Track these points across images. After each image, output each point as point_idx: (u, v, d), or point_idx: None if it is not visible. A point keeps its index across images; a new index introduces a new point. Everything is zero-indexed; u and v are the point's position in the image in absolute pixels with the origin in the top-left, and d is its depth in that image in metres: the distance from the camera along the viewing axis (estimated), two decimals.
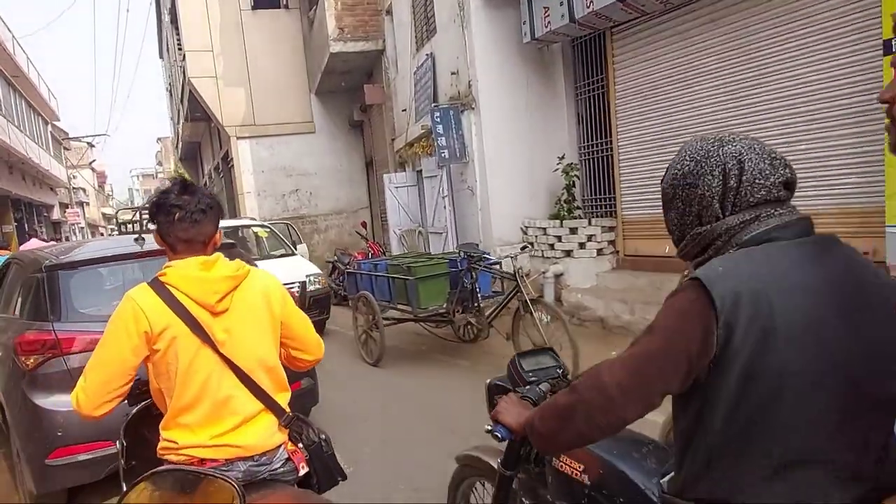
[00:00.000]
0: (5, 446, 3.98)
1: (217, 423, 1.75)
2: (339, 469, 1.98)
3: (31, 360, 3.29)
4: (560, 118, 8.16)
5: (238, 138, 14.52)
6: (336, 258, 10.93)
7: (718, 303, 1.04)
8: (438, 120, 8.06)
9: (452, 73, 8.34)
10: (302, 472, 1.88)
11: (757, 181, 1.13)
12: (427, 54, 9.35)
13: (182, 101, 18.67)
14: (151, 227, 1.83)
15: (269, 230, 9.35)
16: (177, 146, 28.89)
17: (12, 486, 3.82)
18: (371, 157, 14.22)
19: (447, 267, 6.15)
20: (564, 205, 7.77)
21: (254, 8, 14.36)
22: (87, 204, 47.86)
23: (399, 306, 6.44)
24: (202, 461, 1.72)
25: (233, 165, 14.95)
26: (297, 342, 1.98)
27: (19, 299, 3.87)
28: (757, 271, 1.07)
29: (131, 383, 1.76)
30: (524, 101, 8.04)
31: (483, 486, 2.13)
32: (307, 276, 8.24)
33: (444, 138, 8.09)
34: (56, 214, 34.98)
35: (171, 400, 1.75)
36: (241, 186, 14.68)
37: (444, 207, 8.36)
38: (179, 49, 18.17)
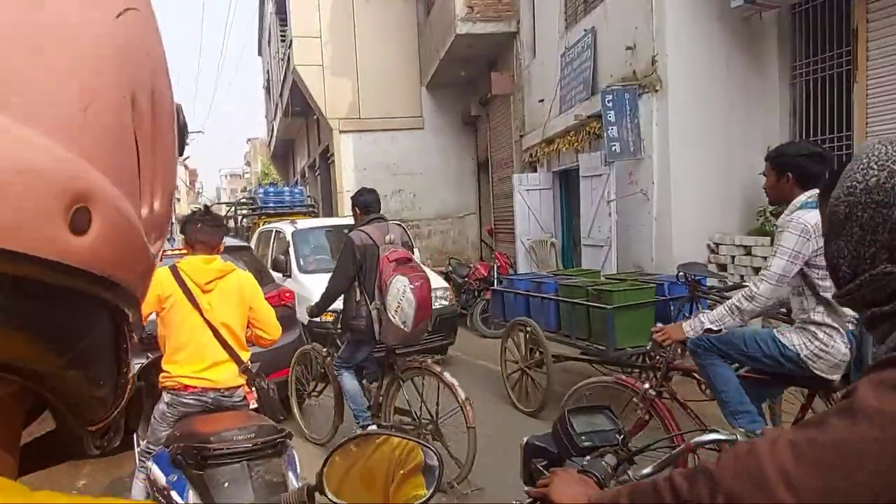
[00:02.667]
0: None
1: (197, 362, 2.69)
2: (281, 409, 2.99)
3: None
4: (768, 106, 6.36)
5: (341, 132, 13.41)
6: (451, 269, 9.47)
7: None
8: (610, 105, 6.44)
9: (628, 48, 6.70)
10: (252, 406, 2.82)
11: None
12: (585, 30, 7.76)
13: (282, 94, 17.92)
14: (180, 235, 3.07)
15: None
16: (269, 144, 28.59)
17: None
18: (486, 157, 12.75)
19: (654, 294, 4.52)
20: (772, 217, 5.95)
21: None
22: (179, 200, 49.15)
23: (577, 341, 4.86)
24: (186, 387, 2.66)
25: (332, 161, 13.88)
26: (259, 323, 2.90)
27: None
28: None
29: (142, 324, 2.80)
30: (722, 83, 6.30)
31: None
32: (433, 290, 6.79)
33: (615, 128, 6.46)
34: None
35: (169, 342, 2.72)
36: (340, 184, 13.55)
37: (609, 214, 6.70)
38: (282, 40, 17.45)
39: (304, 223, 7.88)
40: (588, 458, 1.28)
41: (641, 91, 6.48)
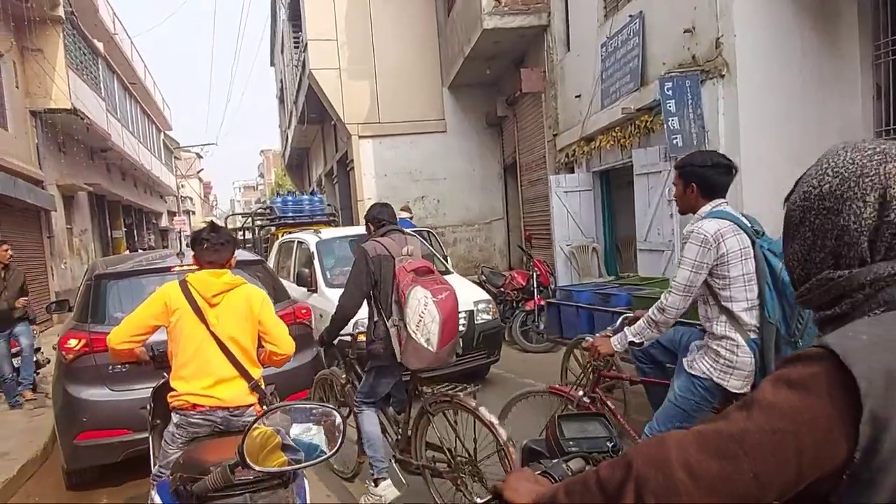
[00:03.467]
0: None
1: (204, 378, 2.55)
2: None
3: (70, 355, 3.86)
4: (846, 91, 5.68)
5: (360, 137, 12.86)
6: (484, 278, 8.81)
7: (863, 385, 0.69)
8: (670, 93, 5.79)
9: (686, 31, 6.05)
10: None
11: None
12: (630, 15, 7.11)
13: (296, 101, 17.44)
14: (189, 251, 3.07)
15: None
16: (283, 154, 28.18)
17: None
18: (514, 159, 12.12)
19: None
20: None
21: None
22: (193, 213, 48.97)
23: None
24: (194, 406, 2.52)
25: (352, 168, 13.31)
26: (270, 337, 2.72)
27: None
28: None
29: (146, 338, 2.67)
30: (796, 65, 5.63)
31: None
32: (475, 302, 6.15)
33: (676, 119, 5.80)
34: (164, 222, 35.40)
35: (176, 357, 2.60)
36: (360, 192, 12.98)
37: (671, 215, 6.03)
38: (296, 46, 16.99)
39: (329, 233, 7.28)
40: (555, 460, 1.34)
41: (704, 77, 5.82)
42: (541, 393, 3.34)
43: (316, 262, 6.61)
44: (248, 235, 13.96)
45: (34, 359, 7.25)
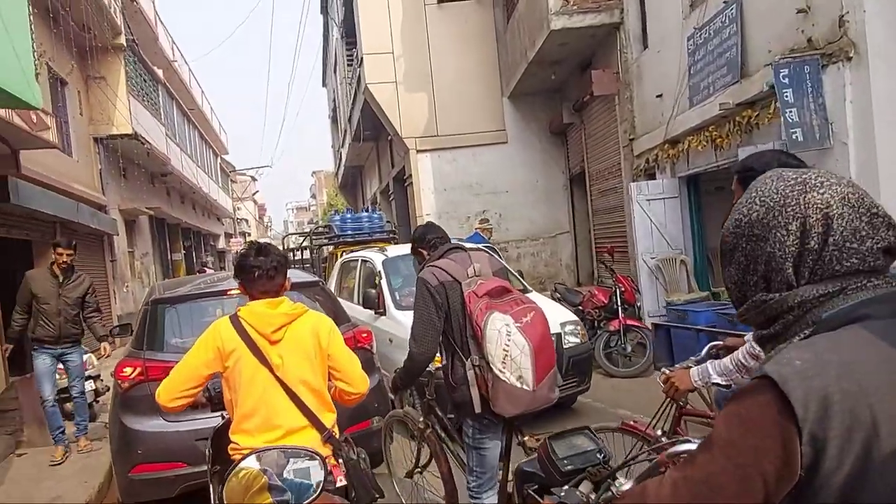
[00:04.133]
0: None
1: (270, 430, 2.18)
2: (376, 485, 2.32)
3: (126, 384, 3.72)
4: None
5: (418, 151, 12.42)
6: (559, 296, 8.12)
7: (800, 411, 0.76)
8: (787, 81, 5.04)
9: (800, 11, 5.29)
10: (340, 484, 2.21)
11: (848, 244, 0.86)
12: (726, 1, 6.39)
13: (350, 118, 17.24)
14: (236, 281, 2.44)
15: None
16: (336, 174, 28.21)
17: None
18: (581, 169, 11.42)
19: None
20: None
21: (440, 1, 12.32)
22: (249, 234, 49.91)
23: None
24: None
25: (410, 184, 12.87)
26: (341, 374, 2.36)
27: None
28: (848, 364, 0.78)
29: (199, 389, 2.29)
30: None
31: None
32: (561, 324, 5.49)
33: (794, 110, 5.04)
34: (221, 244, 36.04)
35: (236, 408, 2.23)
36: (419, 208, 12.51)
37: None
38: (349, 63, 16.82)
39: (395, 250, 6.76)
40: (566, 487, 1.36)
41: (826, 62, 5.05)
42: (612, 430, 2.80)
43: (383, 283, 6.10)
44: (307, 255, 13.71)
45: (87, 389, 6.94)
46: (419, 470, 3.49)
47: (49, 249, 11.37)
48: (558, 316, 5.57)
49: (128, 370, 3.73)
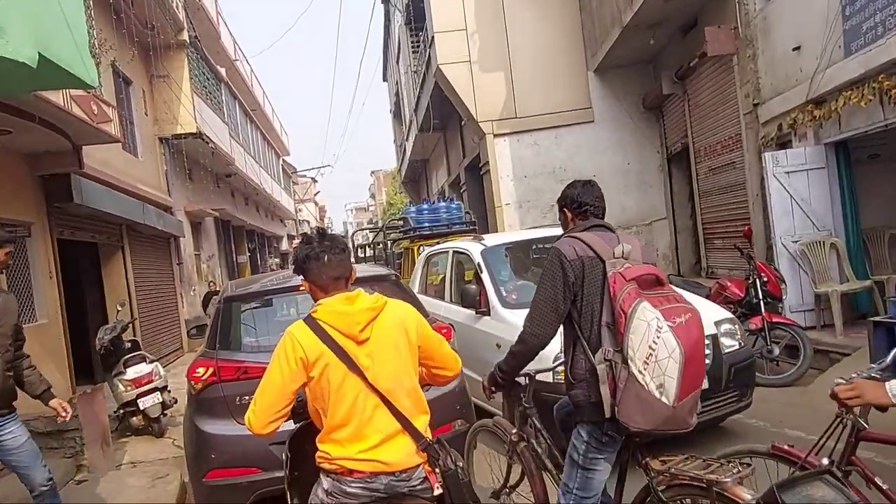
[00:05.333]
0: None
1: (363, 439, 1.99)
2: (474, 496, 2.14)
3: (199, 385, 3.53)
4: None
5: (495, 136, 11.40)
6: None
7: None
8: None
9: None
10: (437, 493, 2.04)
11: None
12: None
13: (417, 107, 16.42)
14: (300, 279, 2.15)
15: None
16: (399, 170, 27.55)
17: None
18: (682, 146, 10.14)
19: None
20: None
21: None
22: None
23: None
24: (350, 472, 1.98)
25: (486, 172, 11.88)
26: (436, 361, 2.19)
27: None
28: None
29: (290, 405, 2.04)
30: None
31: None
32: (716, 323, 4.37)
33: None
34: (284, 246, 36.10)
35: (326, 418, 2.02)
36: (497, 197, 11.51)
37: None
38: (414, 51, 16.00)
39: (496, 238, 5.76)
40: None
41: None
42: (761, 455, 2.28)
43: (485, 277, 5.11)
44: (374, 252, 12.94)
45: (153, 403, 6.27)
46: (507, 490, 3.07)
47: (117, 251, 11.13)
48: (710, 313, 4.44)
49: (200, 371, 3.56)
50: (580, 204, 2.53)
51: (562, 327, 2.39)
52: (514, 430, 2.87)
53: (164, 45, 12.82)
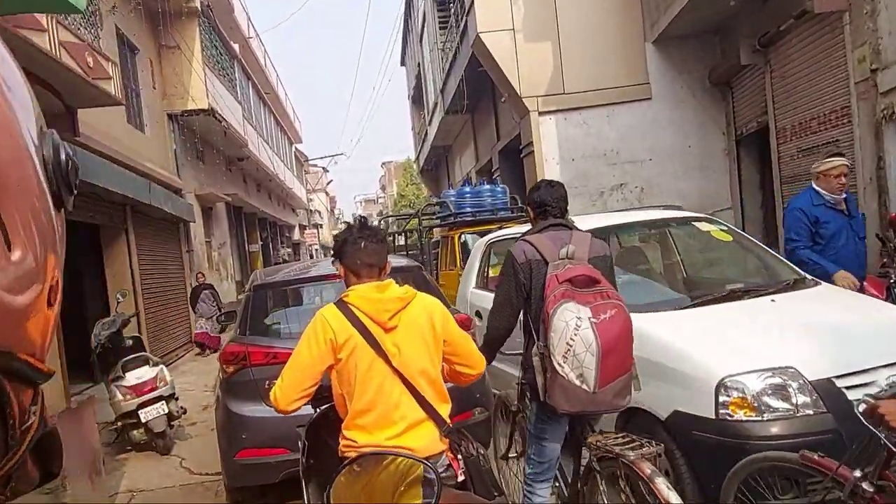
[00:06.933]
0: None
1: (389, 426, 2.04)
2: (496, 483, 2.26)
3: (231, 369, 3.75)
4: None
5: (540, 113, 10.23)
6: None
7: None
8: None
9: None
10: (460, 479, 2.14)
11: None
12: None
13: (444, 88, 15.26)
14: (335, 266, 2.28)
15: (726, 231, 4.55)
16: (417, 158, 26.39)
17: None
18: (759, 124, 8.95)
19: None
20: None
21: None
22: (321, 226, 49.11)
23: None
24: None
25: (528, 154, 10.72)
26: (460, 358, 2.23)
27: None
28: None
29: (316, 386, 2.09)
30: None
31: None
32: None
33: None
34: (296, 235, 35.06)
35: (351, 403, 2.06)
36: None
37: None
38: (443, 26, 14.85)
39: (590, 221, 4.60)
40: None
41: None
42: (790, 463, 2.26)
43: None
44: (405, 241, 11.83)
45: (159, 414, 5.29)
46: (515, 455, 3.40)
47: (121, 235, 10.05)
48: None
49: (231, 355, 3.76)
50: (541, 204, 2.77)
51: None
52: (515, 403, 3.16)
53: (175, 11, 11.73)
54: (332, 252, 2.37)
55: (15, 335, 0.39)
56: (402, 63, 26.11)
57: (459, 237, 8.30)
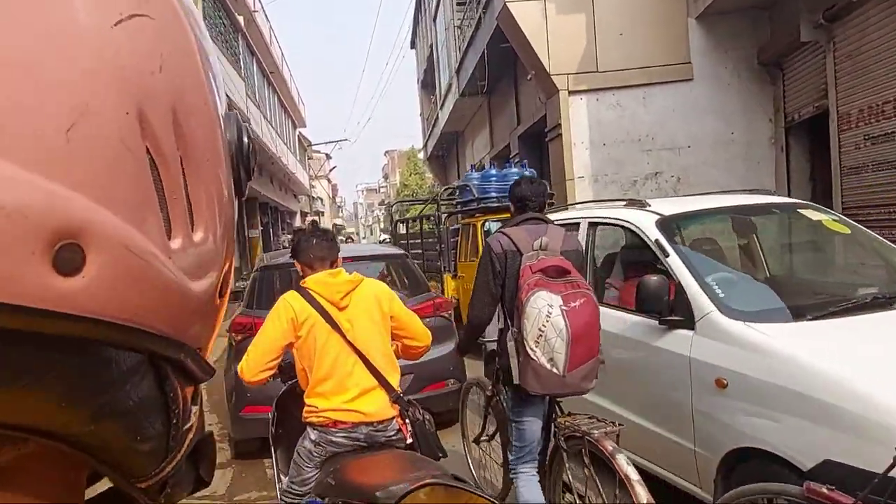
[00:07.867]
0: None
1: (344, 392, 2.32)
2: (440, 446, 2.46)
3: (239, 337, 4.35)
4: None
5: (570, 93, 9.40)
6: None
7: None
8: None
9: None
10: (409, 442, 2.39)
11: None
12: None
13: (459, 69, 14.40)
14: (296, 264, 2.61)
15: (839, 220, 3.72)
16: (425, 145, 25.51)
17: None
18: (815, 110, 8.11)
19: None
20: None
21: None
22: (323, 213, 48.29)
23: None
24: (335, 423, 2.30)
25: (554, 138, 9.89)
26: (406, 331, 2.53)
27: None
28: None
29: (279, 360, 2.38)
30: None
31: None
32: None
33: None
34: (297, 222, 34.25)
35: (311, 374, 2.36)
36: (569, 169, 9.53)
37: None
38: (460, 1, 13.97)
39: (672, 206, 3.78)
40: None
41: None
42: (792, 497, 1.98)
43: (676, 264, 3.13)
44: (420, 228, 11.01)
45: None
46: (486, 438, 3.58)
47: None
48: None
49: (240, 325, 4.38)
50: (522, 198, 2.95)
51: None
52: (490, 387, 3.37)
53: None
54: (290, 254, 2.68)
55: (188, 325, 0.37)
56: (413, 46, 25.22)
57: (483, 225, 7.49)
